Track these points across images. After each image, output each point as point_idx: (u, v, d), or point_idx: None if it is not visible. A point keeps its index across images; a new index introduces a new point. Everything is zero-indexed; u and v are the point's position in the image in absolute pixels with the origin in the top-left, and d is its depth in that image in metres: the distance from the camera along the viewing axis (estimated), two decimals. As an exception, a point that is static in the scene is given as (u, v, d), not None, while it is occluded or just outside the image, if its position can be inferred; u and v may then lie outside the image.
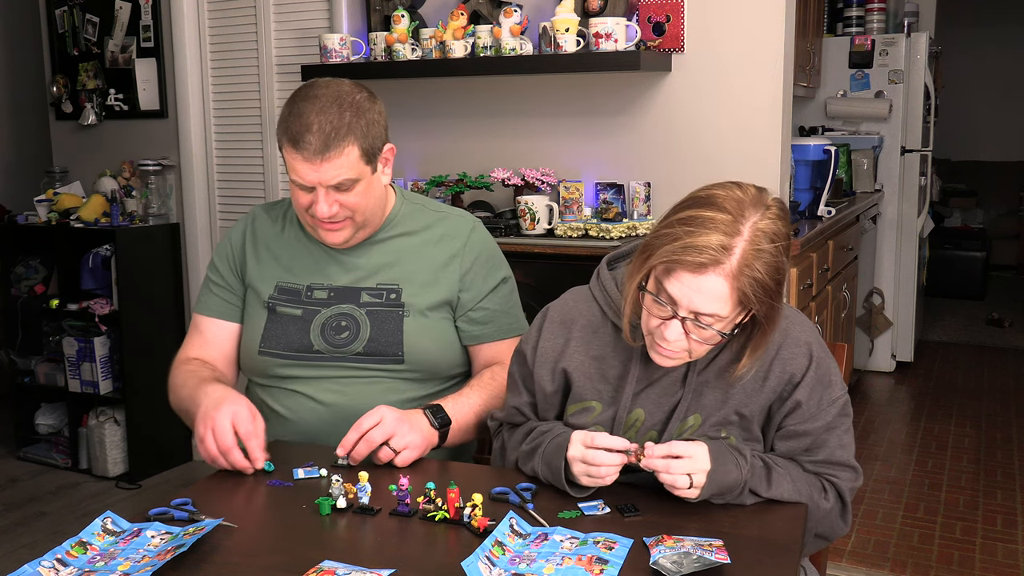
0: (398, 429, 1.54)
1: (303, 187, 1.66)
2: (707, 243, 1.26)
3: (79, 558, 1.23)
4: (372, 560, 1.22)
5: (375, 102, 1.70)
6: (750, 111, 2.80)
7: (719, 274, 1.26)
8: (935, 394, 4.67)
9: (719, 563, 1.15)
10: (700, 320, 1.30)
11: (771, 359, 1.41)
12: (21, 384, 3.93)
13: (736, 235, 1.26)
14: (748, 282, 1.27)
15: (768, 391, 1.41)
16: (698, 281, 1.27)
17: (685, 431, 1.42)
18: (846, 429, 1.44)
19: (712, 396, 1.42)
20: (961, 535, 3.11)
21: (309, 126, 1.61)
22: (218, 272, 1.85)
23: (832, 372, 1.44)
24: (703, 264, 1.26)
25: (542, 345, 1.52)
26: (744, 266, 1.26)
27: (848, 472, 1.44)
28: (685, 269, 1.28)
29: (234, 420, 1.53)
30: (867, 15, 4.91)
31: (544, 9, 3.00)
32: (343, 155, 1.63)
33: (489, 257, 1.84)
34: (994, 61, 8.23)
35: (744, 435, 1.42)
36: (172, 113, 3.75)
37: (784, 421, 1.42)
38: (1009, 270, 7.90)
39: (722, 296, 1.27)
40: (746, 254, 1.26)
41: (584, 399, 1.48)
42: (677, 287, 1.29)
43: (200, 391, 1.64)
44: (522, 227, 2.96)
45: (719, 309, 1.29)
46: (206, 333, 1.84)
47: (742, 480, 1.34)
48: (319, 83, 1.69)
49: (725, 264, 1.26)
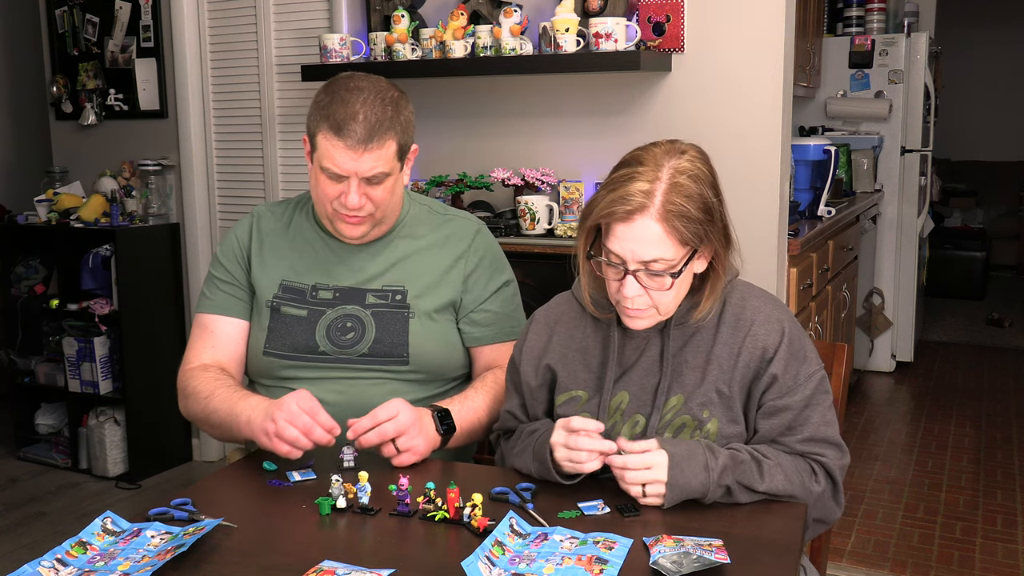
0: (409, 429, 1.54)
1: (335, 176, 1.66)
2: (630, 192, 1.36)
3: (79, 558, 1.23)
4: (372, 560, 1.22)
5: (408, 102, 1.73)
6: (750, 111, 2.80)
7: (648, 217, 1.35)
8: (935, 394, 4.67)
9: (719, 563, 1.15)
10: (650, 267, 1.37)
11: (744, 335, 1.45)
12: (21, 384, 3.93)
13: (656, 180, 1.36)
14: (677, 218, 1.35)
15: (742, 366, 1.44)
16: (632, 229, 1.36)
17: (668, 411, 1.45)
18: (828, 406, 1.46)
19: (691, 375, 1.45)
20: (961, 535, 3.11)
21: (355, 115, 1.62)
22: (224, 269, 1.84)
23: (807, 348, 1.47)
24: (631, 211, 1.35)
25: (527, 345, 1.59)
26: (667, 203, 1.35)
27: (833, 449, 1.45)
28: (617, 221, 1.37)
29: (298, 404, 1.52)
30: (867, 15, 4.92)
31: (544, 9, 3.00)
32: (384, 148, 1.65)
33: (493, 260, 1.85)
34: (994, 61, 8.23)
35: (727, 415, 1.44)
36: (172, 113, 3.75)
37: (763, 397, 1.44)
38: (1009, 270, 7.90)
39: (658, 237, 1.35)
40: (667, 192, 1.36)
41: (569, 389, 1.52)
42: (617, 243, 1.37)
43: (240, 402, 1.63)
44: (522, 227, 2.96)
45: (662, 252, 1.36)
46: (216, 332, 1.81)
47: (709, 484, 1.34)
48: (358, 76, 1.70)
49: (651, 206, 1.35)
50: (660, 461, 1.34)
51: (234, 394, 1.67)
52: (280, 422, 1.50)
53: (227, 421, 1.65)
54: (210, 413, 1.69)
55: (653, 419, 1.45)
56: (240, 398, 1.65)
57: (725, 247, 1.43)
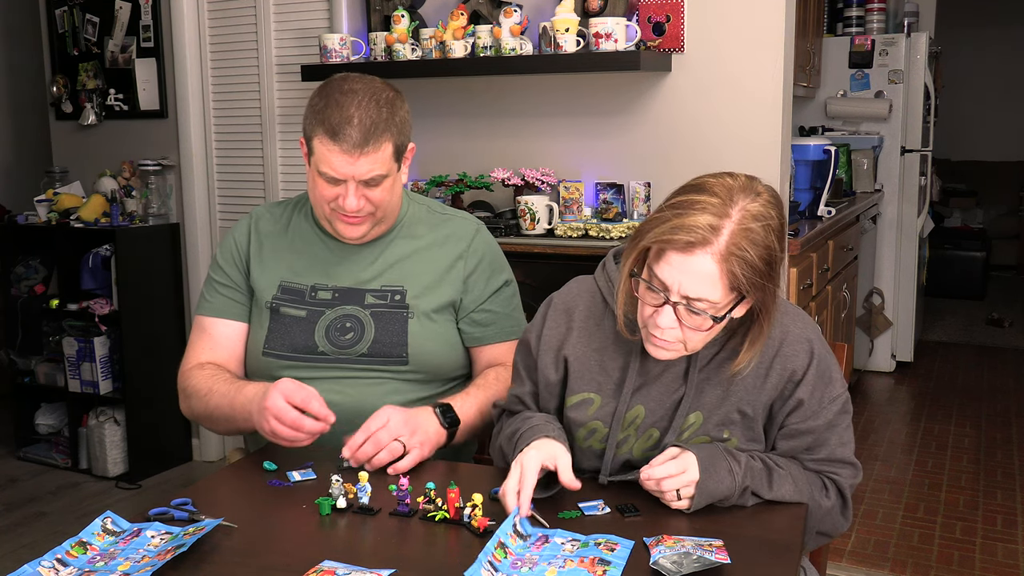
0: (403, 432, 1.54)
1: (332, 179, 1.66)
2: (696, 223, 1.27)
3: (79, 558, 1.23)
4: (372, 560, 1.22)
5: (404, 101, 1.72)
6: (750, 111, 2.80)
7: (708, 254, 1.27)
8: (935, 394, 4.67)
9: (719, 563, 1.15)
10: (692, 305, 1.29)
11: (772, 356, 1.41)
12: (21, 384, 3.93)
13: (725, 217, 1.27)
14: (737, 263, 1.27)
15: (770, 388, 1.41)
16: (687, 262, 1.27)
17: (686, 429, 1.42)
18: (846, 426, 1.45)
19: (713, 393, 1.42)
20: (961, 535, 3.11)
21: (350, 119, 1.62)
22: (223, 272, 1.83)
23: (833, 369, 1.44)
24: (691, 243, 1.26)
25: (546, 333, 1.52)
26: (733, 246, 1.26)
27: (848, 469, 1.45)
28: (674, 249, 1.28)
29: (286, 397, 1.52)
30: (867, 15, 4.91)
31: (544, 9, 3.00)
32: (380, 150, 1.64)
33: (492, 260, 1.85)
34: (994, 61, 8.23)
35: (747, 434, 1.42)
36: (172, 113, 3.75)
37: (787, 420, 1.42)
38: (1009, 270, 7.90)
39: (712, 277, 1.27)
40: (735, 235, 1.27)
41: (582, 391, 1.48)
42: (667, 270, 1.29)
43: (239, 396, 1.64)
44: (522, 227, 2.96)
45: (710, 293, 1.28)
46: (214, 335, 1.82)
47: (735, 489, 1.34)
48: (352, 77, 1.69)
49: (714, 244, 1.26)
50: (691, 462, 1.33)
51: (230, 388, 1.68)
52: (272, 423, 1.52)
53: (229, 417, 1.67)
54: (212, 411, 1.71)
55: (669, 436, 1.41)
56: (236, 392, 1.66)
57: (774, 298, 1.35)
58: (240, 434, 1.80)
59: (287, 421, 1.51)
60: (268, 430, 1.53)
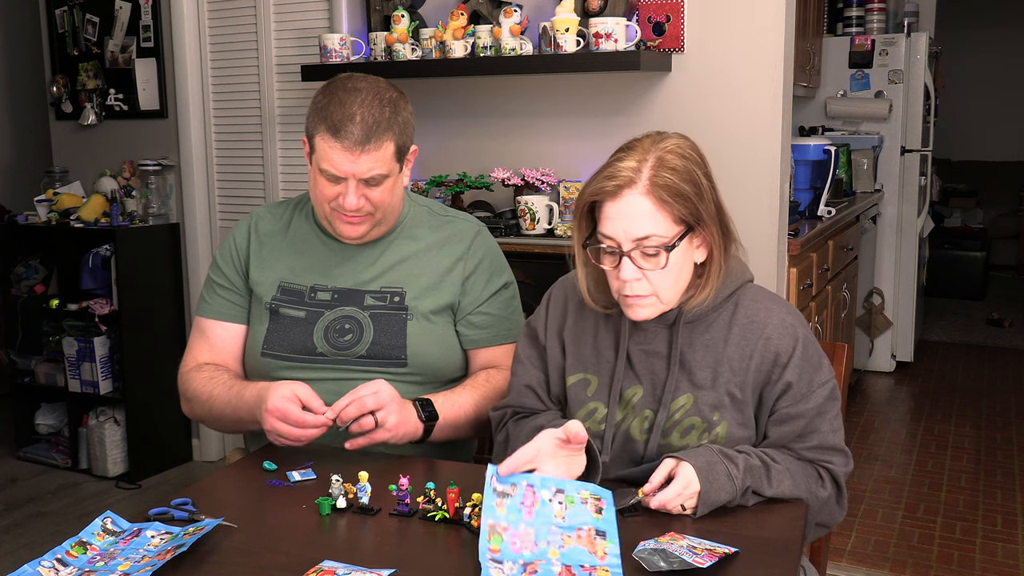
0: (388, 404, 1.56)
1: (333, 177, 1.66)
2: (618, 170, 1.37)
3: (79, 558, 1.23)
4: (372, 560, 1.22)
5: (407, 102, 1.73)
6: (750, 111, 2.80)
7: (635, 192, 1.36)
8: (935, 394, 4.67)
9: (696, 566, 1.14)
10: (644, 247, 1.36)
11: (756, 338, 1.45)
12: (21, 384, 3.93)
13: (644, 160, 1.38)
14: (665, 191, 1.36)
15: (755, 369, 1.44)
16: (621, 206, 1.36)
17: (677, 410, 1.44)
18: (836, 414, 1.47)
19: (702, 375, 1.45)
20: (961, 535, 3.11)
21: (352, 116, 1.62)
22: (222, 274, 1.84)
23: (819, 355, 1.47)
24: (619, 186, 1.36)
25: (550, 319, 1.58)
26: (654, 176, 1.36)
27: (840, 456, 1.47)
28: (607, 199, 1.37)
29: (288, 396, 1.54)
30: (867, 15, 4.91)
31: (544, 9, 3.00)
32: (381, 149, 1.65)
33: (492, 262, 1.85)
34: (994, 61, 8.24)
35: (738, 418, 1.44)
36: (172, 113, 3.75)
37: (776, 404, 1.44)
38: (1009, 270, 7.90)
39: (647, 211, 1.36)
40: (653, 167, 1.37)
41: (579, 371, 1.53)
42: (609, 224, 1.38)
43: (240, 397, 1.65)
44: (522, 227, 2.96)
45: (654, 228, 1.36)
46: (212, 337, 1.82)
47: (736, 493, 1.34)
48: (357, 77, 1.70)
49: (638, 181, 1.36)
50: (691, 476, 1.33)
51: (229, 391, 1.69)
52: (277, 424, 1.53)
53: (234, 421, 1.70)
54: (216, 416, 1.73)
55: (660, 416, 1.44)
56: (236, 396, 1.67)
57: (721, 233, 1.42)
58: (247, 431, 1.81)
59: (292, 419, 1.52)
60: (270, 430, 1.55)
